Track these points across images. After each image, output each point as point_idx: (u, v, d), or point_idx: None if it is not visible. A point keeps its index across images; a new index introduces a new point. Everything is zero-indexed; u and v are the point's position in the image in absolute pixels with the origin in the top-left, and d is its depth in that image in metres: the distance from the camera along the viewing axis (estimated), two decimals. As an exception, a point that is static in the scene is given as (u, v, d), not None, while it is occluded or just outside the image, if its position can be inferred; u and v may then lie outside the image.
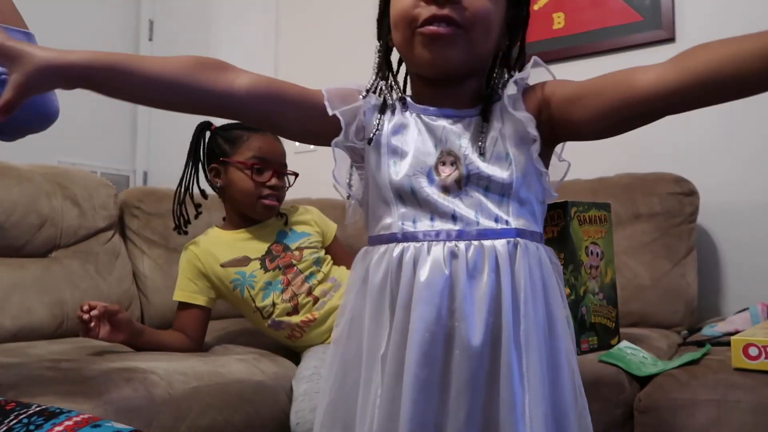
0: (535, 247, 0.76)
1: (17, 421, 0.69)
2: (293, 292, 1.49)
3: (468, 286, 0.72)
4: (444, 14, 0.75)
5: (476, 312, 0.72)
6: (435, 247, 0.74)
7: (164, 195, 2.01)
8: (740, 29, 1.90)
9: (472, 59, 0.80)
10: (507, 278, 0.72)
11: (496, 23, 0.79)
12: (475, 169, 0.77)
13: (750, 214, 1.79)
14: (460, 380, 0.71)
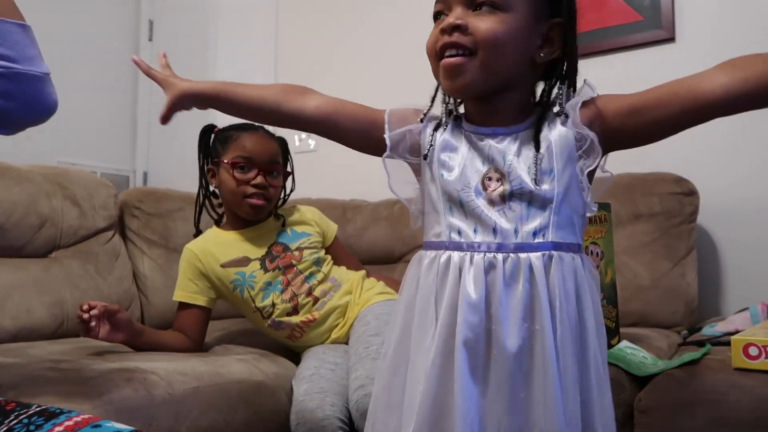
0: (570, 258, 0.81)
1: (17, 421, 0.69)
2: (293, 292, 1.49)
3: (504, 295, 0.79)
4: (452, 41, 0.81)
5: (511, 318, 0.78)
6: (477, 257, 0.81)
7: (164, 195, 2.01)
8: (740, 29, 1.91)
9: (492, 79, 0.83)
10: (543, 288, 0.78)
11: (510, 40, 0.81)
12: (518, 185, 0.82)
13: (750, 215, 1.79)
14: (498, 377, 0.78)
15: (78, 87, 2.76)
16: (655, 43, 1.96)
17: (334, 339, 1.50)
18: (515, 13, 0.81)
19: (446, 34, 0.81)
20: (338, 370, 1.33)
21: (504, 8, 0.81)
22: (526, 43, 0.83)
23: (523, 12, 0.82)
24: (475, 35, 0.80)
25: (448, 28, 0.81)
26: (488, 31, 0.80)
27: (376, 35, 2.46)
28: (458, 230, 0.84)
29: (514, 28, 0.81)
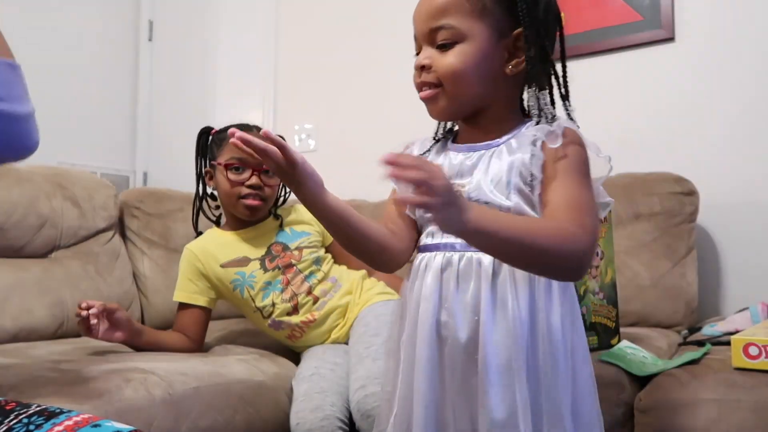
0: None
1: (17, 420, 0.69)
2: (293, 291, 1.49)
3: (456, 290, 0.87)
4: (421, 81, 0.90)
5: (462, 312, 0.86)
6: (438, 256, 0.89)
7: (164, 195, 2.01)
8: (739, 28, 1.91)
9: (464, 105, 0.91)
10: (487, 285, 0.85)
11: (470, 68, 0.87)
12: (476, 196, 0.88)
13: (750, 214, 1.79)
14: (452, 365, 0.86)
15: (78, 87, 2.77)
16: (655, 43, 1.96)
17: (334, 339, 1.50)
18: (473, 40, 0.87)
19: (417, 73, 0.90)
20: (338, 370, 1.33)
21: (460, 39, 0.87)
22: (489, 64, 0.88)
23: (482, 36, 0.87)
24: (437, 72, 0.88)
25: (417, 67, 0.90)
26: (447, 66, 0.87)
27: (376, 35, 2.46)
28: (431, 235, 0.93)
29: (474, 55, 0.87)
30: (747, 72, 1.83)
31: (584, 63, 2.07)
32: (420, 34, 0.90)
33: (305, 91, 2.68)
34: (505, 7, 0.88)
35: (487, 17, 0.87)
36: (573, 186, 0.83)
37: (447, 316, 0.87)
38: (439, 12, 0.87)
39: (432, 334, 0.87)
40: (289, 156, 0.80)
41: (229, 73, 2.86)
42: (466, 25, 0.87)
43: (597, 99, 2.05)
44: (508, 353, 0.82)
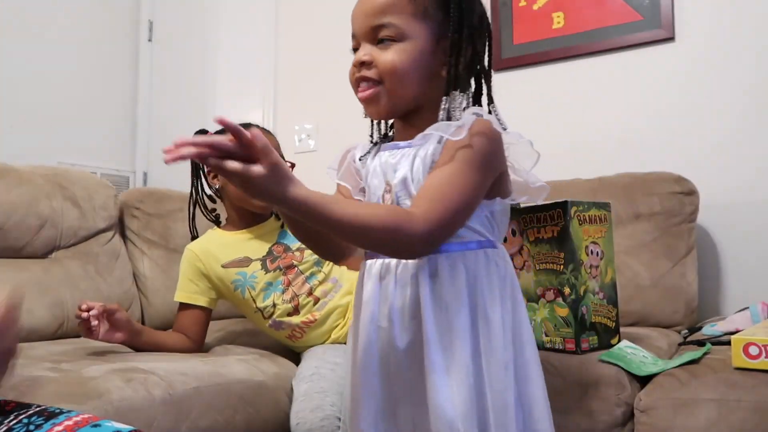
0: (461, 256, 0.87)
1: (17, 421, 0.69)
2: (294, 292, 1.49)
3: (394, 296, 0.89)
4: (361, 75, 0.92)
5: (401, 317, 0.88)
6: (376, 264, 0.92)
7: (164, 196, 2.01)
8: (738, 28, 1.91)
9: (401, 101, 0.92)
10: (427, 289, 0.86)
11: (410, 67, 0.90)
12: (401, 197, 0.90)
13: (750, 214, 1.79)
14: (393, 371, 0.89)
15: (78, 87, 2.77)
16: (655, 43, 1.96)
17: (334, 339, 1.50)
18: (413, 40, 0.89)
19: (357, 69, 0.92)
20: (338, 370, 1.33)
21: (401, 38, 0.89)
22: (427, 64, 0.91)
23: (422, 37, 0.90)
24: (378, 68, 0.90)
25: (356, 63, 0.92)
26: (388, 62, 0.89)
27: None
28: None
29: (414, 54, 0.89)
30: (747, 72, 1.83)
31: (584, 63, 2.08)
32: (360, 31, 0.93)
33: (305, 91, 2.68)
34: (445, 12, 0.91)
35: (427, 20, 0.90)
36: (446, 173, 0.84)
37: (387, 322, 0.89)
38: (382, 10, 0.90)
39: (372, 340, 0.90)
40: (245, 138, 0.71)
41: (229, 73, 2.86)
42: (407, 25, 0.89)
43: (597, 99, 2.05)
44: (450, 352, 0.84)
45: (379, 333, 0.90)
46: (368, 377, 0.91)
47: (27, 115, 2.53)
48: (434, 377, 0.84)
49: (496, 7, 2.22)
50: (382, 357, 0.90)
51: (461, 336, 0.85)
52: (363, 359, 0.92)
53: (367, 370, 0.91)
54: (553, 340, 1.28)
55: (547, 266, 1.28)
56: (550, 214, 1.28)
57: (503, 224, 0.95)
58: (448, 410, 0.82)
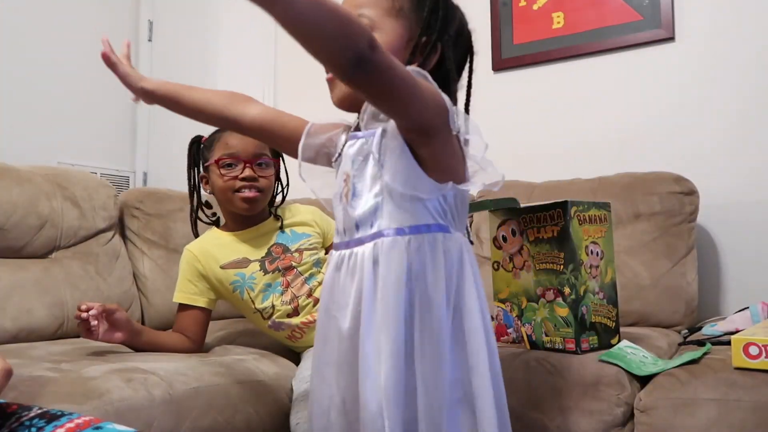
0: (406, 241, 0.88)
1: (19, 423, 0.69)
2: (293, 294, 1.49)
3: (345, 285, 0.92)
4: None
5: (348, 305, 0.91)
6: (334, 256, 0.96)
7: (164, 196, 2.01)
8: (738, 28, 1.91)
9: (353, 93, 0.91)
10: (369, 275, 0.88)
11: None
12: (354, 184, 0.94)
13: (750, 214, 1.80)
14: (341, 356, 0.92)
15: (78, 87, 2.76)
16: (655, 43, 1.96)
17: (334, 339, 1.50)
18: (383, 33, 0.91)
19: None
20: (338, 370, 1.33)
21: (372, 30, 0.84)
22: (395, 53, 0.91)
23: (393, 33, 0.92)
24: None
25: None
26: None
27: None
28: (336, 233, 0.99)
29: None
30: (747, 71, 1.83)
31: (584, 63, 2.08)
32: None
33: (305, 91, 2.67)
34: (421, 16, 0.93)
35: (401, 18, 0.93)
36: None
37: (336, 311, 0.93)
38: (359, 3, 0.93)
39: (325, 328, 0.95)
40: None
41: (229, 74, 2.85)
42: (379, 19, 0.92)
43: (597, 99, 2.05)
44: (385, 337, 0.85)
45: (330, 322, 0.94)
46: (322, 366, 0.95)
47: (27, 115, 2.53)
48: (363, 364, 0.86)
49: (496, 7, 2.22)
50: (332, 346, 0.93)
51: (395, 323, 0.85)
52: (318, 348, 0.96)
53: (320, 358, 0.96)
54: (553, 340, 1.28)
55: (547, 266, 1.28)
56: (550, 214, 1.28)
57: (461, 212, 0.94)
58: (372, 397, 0.84)
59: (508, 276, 1.36)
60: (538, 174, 1.97)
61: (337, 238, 0.98)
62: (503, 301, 1.38)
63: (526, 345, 1.33)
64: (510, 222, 1.36)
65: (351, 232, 0.93)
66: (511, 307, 1.36)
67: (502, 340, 1.38)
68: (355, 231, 0.92)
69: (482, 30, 2.26)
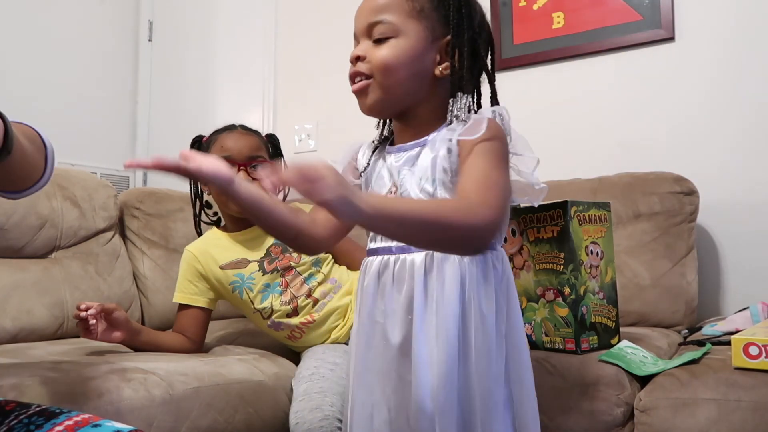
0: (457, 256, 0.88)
1: (17, 421, 0.69)
2: (292, 294, 1.49)
3: (391, 292, 0.91)
4: (355, 70, 0.95)
5: (396, 312, 0.90)
6: (375, 261, 0.95)
7: (164, 196, 2.01)
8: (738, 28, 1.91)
9: (393, 99, 0.94)
10: (420, 285, 0.88)
11: (401, 62, 0.92)
12: (402, 194, 0.93)
13: (750, 214, 1.79)
14: (386, 364, 0.91)
15: (78, 87, 2.76)
16: (655, 43, 1.96)
17: (334, 339, 1.50)
18: (407, 37, 0.92)
19: (352, 65, 0.95)
20: (338, 370, 1.33)
21: (396, 35, 0.92)
22: (420, 62, 0.93)
23: (416, 35, 0.92)
24: (371, 63, 0.93)
25: (352, 59, 0.95)
26: (380, 57, 0.92)
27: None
28: (373, 239, 0.98)
29: (406, 51, 0.92)
30: (747, 71, 1.83)
31: (584, 63, 2.08)
32: (359, 29, 0.96)
33: (305, 91, 2.68)
34: (443, 14, 0.94)
35: (423, 19, 0.93)
36: (482, 166, 0.86)
37: (383, 317, 0.92)
38: (379, 9, 0.93)
39: (369, 335, 0.93)
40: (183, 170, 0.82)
41: (229, 74, 2.86)
42: (402, 23, 0.92)
43: (597, 99, 2.05)
44: (438, 349, 0.86)
45: (375, 328, 0.92)
46: (364, 372, 0.94)
47: (27, 115, 2.52)
48: (418, 372, 0.86)
49: (496, 7, 2.22)
50: (377, 352, 0.92)
51: (447, 333, 0.86)
52: (359, 354, 0.94)
53: (364, 366, 0.94)
54: (553, 340, 1.28)
55: (547, 266, 1.28)
56: (550, 214, 1.28)
57: (505, 225, 0.96)
58: (428, 405, 0.84)
59: (508, 276, 1.36)
60: (538, 174, 1.96)
61: (374, 243, 0.97)
62: (503, 301, 1.38)
63: (526, 345, 1.33)
64: (510, 222, 1.36)
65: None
66: (511, 307, 1.36)
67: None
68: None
69: (482, 30, 2.26)
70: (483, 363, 0.86)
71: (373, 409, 0.92)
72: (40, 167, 0.88)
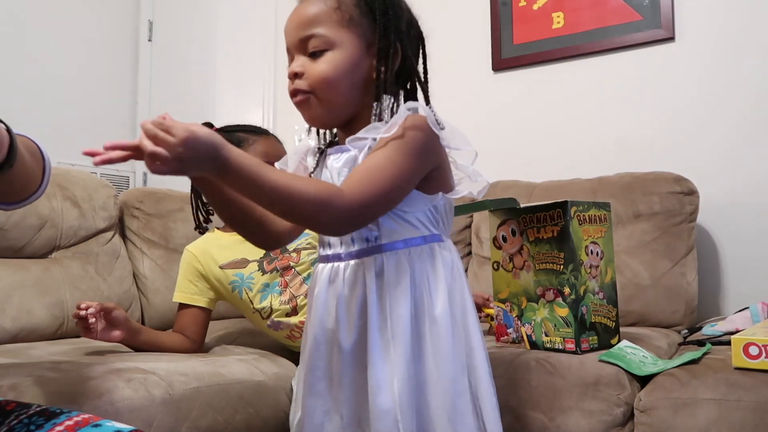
0: (407, 253, 0.90)
1: (18, 421, 0.69)
2: (291, 294, 1.49)
3: (341, 297, 0.92)
4: (294, 88, 0.93)
5: (348, 318, 0.91)
6: (326, 268, 0.95)
7: (164, 196, 2.01)
8: (738, 28, 1.91)
9: (336, 110, 0.94)
10: (373, 288, 0.89)
11: (340, 74, 0.91)
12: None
13: (750, 214, 1.79)
14: (339, 370, 0.91)
15: (78, 87, 2.76)
16: (655, 43, 1.96)
17: (334, 339, 1.50)
18: (342, 48, 0.91)
19: (291, 81, 0.93)
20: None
21: (330, 47, 0.91)
22: (358, 71, 0.93)
23: (351, 44, 0.92)
24: (309, 78, 0.91)
25: (290, 75, 0.93)
26: (318, 73, 0.91)
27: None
28: (321, 244, 0.98)
29: (344, 62, 0.91)
30: (747, 71, 1.83)
31: (584, 63, 2.08)
32: (291, 44, 0.94)
33: (305, 91, 2.68)
34: (372, 18, 0.93)
35: (354, 27, 0.92)
36: (378, 158, 0.86)
37: (333, 324, 0.92)
38: (309, 22, 0.92)
39: (319, 342, 0.93)
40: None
41: (229, 74, 2.86)
42: (335, 34, 0.91)
43: (597, 99, 2.05)
44: (394, 348, 0.87)
45: (326, 334, 0.93)
46: (315, 379, 0.94)
47: (27, 115, 2.53)
48: (375, 373, 0.86)
49: (496, 7, 2.22)
50: (328, 358, 0.93)
51: (403, 332, 0.87)
52: (310, 361, 0.95)
53: (314, 372, 0.94)
54: (553, 340, 1.28)
55: (547, 266, 1.28)
56: (550, 214, 1.28)
57: (449, 218, 0.97)
58: (387, 405, 0.85)
59: (508, 276, 1.36)
60: (538, 174, 1.97)
61: (325, 250, 0.97)
62: (503, 301, 1.38)
63: (526, 345, 1.33)
64: (510, 222, 1.36)
65: (347, 245, 0.93)
66: (511, 307, 1.36)
67: (502, 340, 1.38)
68: (352, 244, 0.93)
69: (482, 30, 2.26)
70: (441, 357, 0.87)
71: (324, 416, 0.93)
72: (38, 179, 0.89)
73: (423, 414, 0.87)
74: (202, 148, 0.72)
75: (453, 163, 0.96)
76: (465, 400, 0.88)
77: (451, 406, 0.86)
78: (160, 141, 0.71)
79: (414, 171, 0.88)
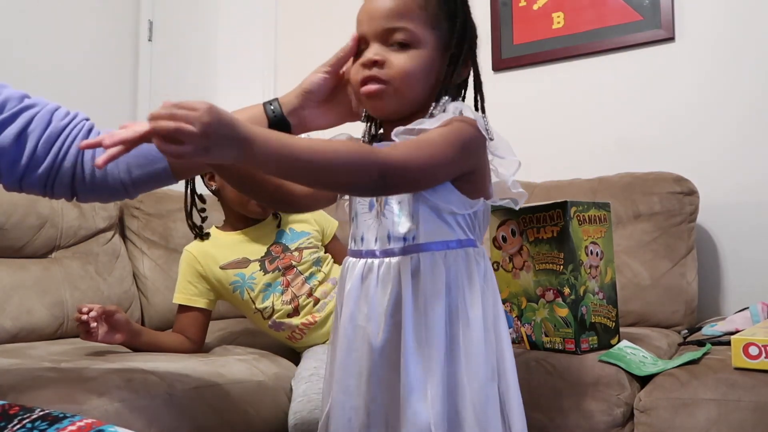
0: (443, 255, 0.90)
1: (21, 425, 0.68)
2: (293, 293, 1.49)
3: (375, 295, 0.91)
4: (371, 75, 0.92)
5: (380, 316, 0.90)
6: (358, 264, 0.94)
7: (164, 196, 2.01)
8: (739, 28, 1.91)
9: (405, 104, 0.94)
10: (408, 287, 0.88)
11: (419, 72, 0.92)
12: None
13: (750, 214, 1.79)
14: (370, 368, 0.91)
15: (78, 87, 2.76)
16: (655, 43, 1.96)
17: (334, 339, 1.50)
18: (425, 47, 0.92)
19: (366, 68, 0.92)
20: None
21: (415, 44, 0.91)
22: (434, 72, 0.94)
23: (432, 45, 0.93)
24: (390, 69, 0.91)
25: (368, 63, 0.91)
26: (401, 66, 0.91)
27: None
28: (353, 239, 0.98)
29: (425, 61, 0.92)
30: (747, 71, 1.83)
31: (584, 63, 2.08)
32: (372, 32, 0.93)
33: (305, 90, 2.67)
34: (451, 24, 0.94)
35: (437, 29, 0.93)
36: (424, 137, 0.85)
37: (365, 321, 0.91)
38: (398, 14, 0.91)
39: (350, 339, 0.93)
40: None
41: (229, 73, 2.85)
42: (422, 32, 0.92)
43: (597, 99, 2.05)
44: (427, 351, 0.86)
45: (356, 332, 0.92)
46: (344, 376, 0.93)
47: (27, 115, 2.52)
48: (408, 374, 0.86)
49: (496, 7, 2.22)
50: (358, 356, 0.92)
51: (438, 333, 0.87)
52: (340, 358, 0.94)
53: (344, 369, 0.93)
54: (552, 340, 1.28)
55: (547, 266, 1.28)
56: (549, 214, 1.28)
57: (485, 225, 0.98)
58: (421, 410, 0.85)
59: (507, 276, 1.36)
60: (538, 174, 1.97)
61: (357, 245, 0.97)
62: (503, 301, 1.37)
63: (526, 345, 1.33)
64: (510, 222, 1.36)
65: (383, 242, 0.92)
66: (510, 307, 1.36)
67: (502, 340, 1.38)
68: (387, 241, 0.92)
69: (482, 30, 2.25)
70: (473, 362, 0.87)
71: (352, 412, 0.92)
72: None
73: (452, 418, 0.86)
74: (225, 120, 0.66)
75: (494, 172, 0.96)
76: (494, 406, 0.88)
77: (482, 411, 0.86)
78: (181, 117, 0.64)
79: (453, 160, 0.86)
